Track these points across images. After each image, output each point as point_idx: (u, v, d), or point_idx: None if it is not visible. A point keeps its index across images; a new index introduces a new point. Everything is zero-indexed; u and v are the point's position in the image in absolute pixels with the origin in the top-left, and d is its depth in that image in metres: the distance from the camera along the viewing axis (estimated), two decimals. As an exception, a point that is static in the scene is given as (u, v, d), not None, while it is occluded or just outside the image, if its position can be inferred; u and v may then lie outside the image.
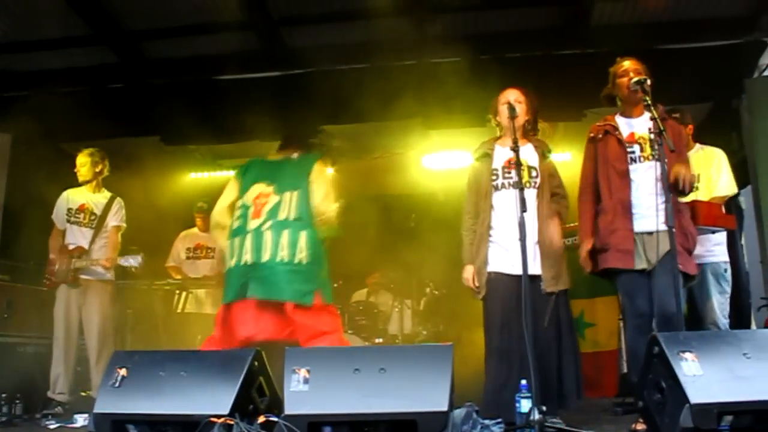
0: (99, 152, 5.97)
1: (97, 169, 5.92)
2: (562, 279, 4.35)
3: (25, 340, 6.05)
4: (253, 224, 4.49)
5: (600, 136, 4.39)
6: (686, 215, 4.23)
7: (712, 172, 5.08)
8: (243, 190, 4.69)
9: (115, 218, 5.90)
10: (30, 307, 6.04)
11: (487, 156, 4.53)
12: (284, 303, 4.31)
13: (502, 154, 4.45)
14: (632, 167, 4.23)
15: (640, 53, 4.51)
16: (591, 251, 4.32)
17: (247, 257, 4.40)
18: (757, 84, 5.94)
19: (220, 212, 4.75)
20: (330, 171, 5.51)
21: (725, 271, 5.09)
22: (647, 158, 4.21)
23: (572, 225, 4.95)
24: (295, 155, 4.81)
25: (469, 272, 4.44)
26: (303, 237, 4.41)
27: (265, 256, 4.37)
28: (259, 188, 4.63)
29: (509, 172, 4.36)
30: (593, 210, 4.38)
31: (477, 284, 4.39)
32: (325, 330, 4.36)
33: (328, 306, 4.52)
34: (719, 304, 5.00)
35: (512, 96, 4.45)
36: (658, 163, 3.99)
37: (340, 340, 4.55)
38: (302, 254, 4.38)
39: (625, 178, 4.23)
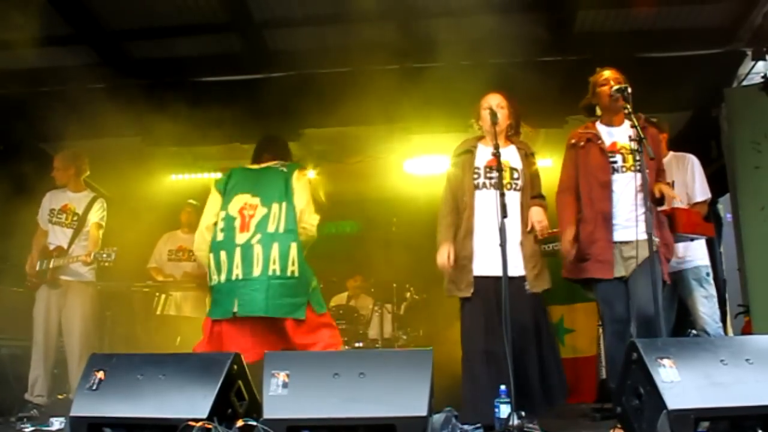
0: (72, 154, 5.94)
1: (71, 172, 5.88)
2: (545, 278, 4.36)
3: (0, 342, 5.97)
4: (241, 238, 4.43)
5: (582, 143, 4.40)
6: (665, 226, 4.27)
7: (688, 180, 5.13)
8: (226, 200, 4.61)
9: (95, 216, 5.83)
10: (5, 308, 5.96)
11: (470, 153, 4.53)
12: (283, 320, 4.31)
13: (485, 153, 4.45)
14: (614, 177, 4.26)
15: (621, 61, 4.54)
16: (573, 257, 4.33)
17: (237, 272, 4.36)
18: (736, 93, 6.00)
19: (208, 227, 4.62)
20: (311, 174, 5.47)
21: (707, 275, 5.12)
22: (629, 169, 4.25)
23: (552, 231, 4.97)
24: (275, 164, 4.76)
25: (444, 251, 4.38)
26: (293, 249, 4.39)
27: (257, 271, 4.34)
28: (243, 199, 4.57)
29: (491, 172, 4.36)
30: (574, 204, 4.37)
31: (451, 263, 4.35)
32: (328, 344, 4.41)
33: (323, 316, 4.53)
34: (707, 309, 5.03)
35: (494, 101, 4.46)
36: (638, 174, 4.03)
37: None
38: (294, 267, 4.37)
39: (607, 189, 4.25)
